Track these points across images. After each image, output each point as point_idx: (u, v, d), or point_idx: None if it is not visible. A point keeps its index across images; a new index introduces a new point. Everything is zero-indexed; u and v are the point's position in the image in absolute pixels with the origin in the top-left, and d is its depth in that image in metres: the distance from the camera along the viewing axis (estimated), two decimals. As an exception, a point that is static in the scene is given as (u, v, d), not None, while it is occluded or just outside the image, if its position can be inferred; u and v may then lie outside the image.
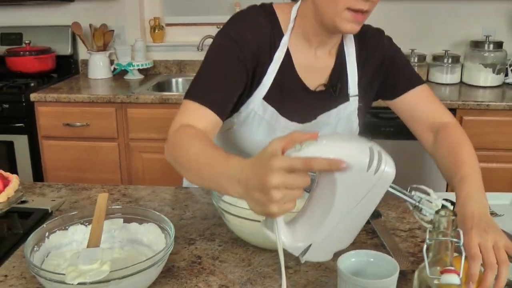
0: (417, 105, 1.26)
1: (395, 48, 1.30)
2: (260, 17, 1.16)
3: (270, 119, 1.19)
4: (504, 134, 2.46)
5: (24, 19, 3.24)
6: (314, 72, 1.21)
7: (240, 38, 1.12)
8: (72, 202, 1.30)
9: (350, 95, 1.24)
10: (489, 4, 2.92)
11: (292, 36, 1.18)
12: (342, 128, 1.25)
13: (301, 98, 1.21)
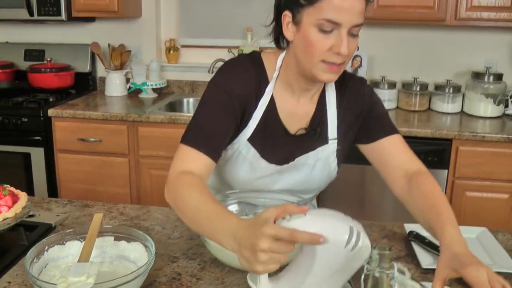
0: (390, 152, 1.33)
1: (375, 98, 1.38)
2: (247, 67, 1.27)
3: (252, 160, 1.30)
4: (500, 165, 2.53)
5: (47, 37, 3.42)
6: (296, 117, 1.32)
7: (229, 87, 1.23)
8: (74, 218, 1.43)
9: (329, 138, 1.34)
10: (491, 36, 3.00)
11: (277, 84, 1.29)
12: (320, 168, 1.35)
13: (281, 141, 1.31)
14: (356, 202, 2.72)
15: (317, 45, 1.14)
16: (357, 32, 1.15)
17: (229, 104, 1.23)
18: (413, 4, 2.71)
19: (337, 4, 1.10)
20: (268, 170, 1.32)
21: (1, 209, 1.21)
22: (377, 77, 3.05)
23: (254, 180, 1.34)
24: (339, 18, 1.11)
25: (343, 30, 1.12)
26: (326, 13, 1.11)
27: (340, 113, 1.34)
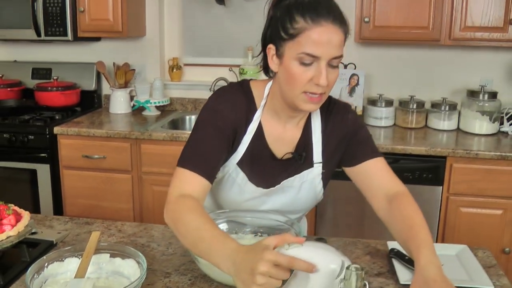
0: (372, 175, 1.39)
1: (359, 123, 1.45)
2: (238, 94, 1.36)
3: (240, 183, 1.38)
4: (493, 182, 2.58)
5: (54, 56, 3.54)
6: (282, 142, 1.39)
7: (221, 113, 1.32)
8: (75, 235, 1.50)
9: (314, 162, 1.40)
10: (486, 55, 3.07)
11: (265, 111, 1.37)
12: (306, 190, 1.42)
13: (268, 166, 1.39)
14: (356, 219, 2.77)
15: (298, 78, 1.21)
16: (336, 63, 1.22)
17: (222, 128, 1.31)
18: (408, 25, 2.79)
19: (315, 38, 1.17)
20: (256, 193, 1.39)
21: (4, 228, 1.28)
22: (375, 95, 3.12)
23: (243, 202, 1.41)
24: (317, 52, 1.18)
25: (322, 62, 1.19)
26: (305, 47, 1.18)
27: (325, 138, 1.41)
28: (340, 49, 1.20)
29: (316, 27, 1.18)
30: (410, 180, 2.65)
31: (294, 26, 1.19)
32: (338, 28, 1.19)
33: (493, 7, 2.68)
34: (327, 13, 1.18)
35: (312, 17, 1.18)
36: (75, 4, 3.07)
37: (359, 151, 1.40)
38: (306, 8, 1.19)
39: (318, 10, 1.19)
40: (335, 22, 1.18)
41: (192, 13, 3.41)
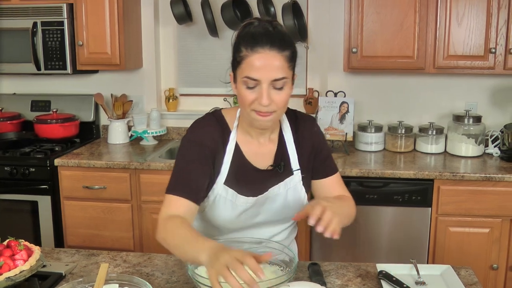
0: (329, 188, 1.61)
1: (323, 138, 1.66)
2: (212, 121, 1.53)
3: (231, 198, 1.51)
4: (479, 202, 2.69)
5: (52, 88, 3.64)
6: (261, 156, 1.55)
7: (199, 140, 1.48)
8: (82, 267, 1.59)
9: (293, 169, 1.56)
10: (470, 81, 3.22)
11: (238, 132, 1.53)
12: (292, 196, 1.56)
13: (253, 178, 1.53)
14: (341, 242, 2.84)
15: (245, 99, 1.38)
16: (280, 85, 1.36)
17: (202, 154, 1.47)
18: (394, 54, 2.92)
19: (253, 64, 1.34)
20: (248, 204, 1.52)
21: (17, 263, 1.37)
22: (364, 121, 3.24)
23: (238, 216, 1.53)
24: (256, 75, 1.34)
25: (263, 85, 1.35)
26: (247, 72, 1.35)
27: (298, 148, 1.57)
28: (280, 72, 1.35)
29: (253, 54, 1.34)
30: (400, 202, 2.76)
31: (240, 55, 1.37)
32: (276, 53, 1.34)
33: (473, 37, 2.83)
34: (264, 41, 1.34)
35: (251, 45, 1.35)
36: (73, 38, 3.19)
37: (321, 168, 1.61)
38: (248, 38, 1.37)
39: (256, 39, 1.35)
40: (272, 48, 1.34)
41: (186, 45, 3.54)
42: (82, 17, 3.15)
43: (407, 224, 2.79)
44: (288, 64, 1.37)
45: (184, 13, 3.30)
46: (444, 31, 2.85)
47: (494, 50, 2.81)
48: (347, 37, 2.96)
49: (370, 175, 2.75)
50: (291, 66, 1.39)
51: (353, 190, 2.70)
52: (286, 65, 1.36)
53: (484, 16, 2.80)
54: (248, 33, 1.38)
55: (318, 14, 3.34)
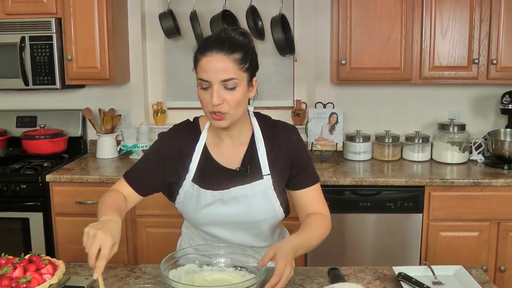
0: (307, 200, 1.66)
1: (302, 147, 1.67)
2: (182, 126, 1.67)
3: (196, 193, 1.60)
4: (468, 207, 2.79)
5: (39, 103, 3.59)
6: (228, 157, 1.62)
7: (162, 142, 1.65)
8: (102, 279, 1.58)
9: (263, 174, 1.60)
10: (454, 91, 3.35)
11: (209, 134, 1.63)
12: (260, 200, 1.59)
13: (219, 176, 1.60)
14: (337, 248, 2.91)
15: (201, 100, 1.50)
16: (231, 85, 1.45)
17: (158, 156, 1.63)
18: (382, 66, 3.02)
19: (203, 66, 1.45)
20: (210, 198, 1.58)
21: (45, 277, 1.36)
22: (353, 131, 3.32)
23: (202, 209, 1.60)
24: (205, 77, 1.45)
25: (214, 85, 1.44)
26: (199, 74, 1.48)
27: (272, 153, 1.61)
28: (227, 73, 1.44)
29: (203, 58, 1.46)
30: (393, 209, 2.84)
31: (195, 60, 1.50)
32: (223, 56, 1.44)
33: (457, 49, 2.96)
34: (212, 46, 1.45)
35: (201, 50, 1.47)
36: (62, 53, 3.17)
37: (301, 179, 1.65)
38: (201, 44, 1.49)
39: (206, 44, 1.47)
40: (219, 51, 1.44)
41: (174, 59, 3.56)
42: (70, 31, 3.14)
43: (400, 230, 2.86)
44: (239, 66, 1.46)
45: (173, 27, 3.32)
46: (429, 43, 2.97)
47: (477, 61, 2.94)
48: (335, 50, 3.05)
49: (363, 183, 2.82)
50: (243, 68, 1.47)
51: (347, 199, 2.83)
52: (235, 67, 1.45)
53: (467, 28, 2.93)
54: (203, 40, 1.51)
55: (304, 27, 3.42)
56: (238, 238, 1.63)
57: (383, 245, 2.89)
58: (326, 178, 2.82)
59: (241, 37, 1.51)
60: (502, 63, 2.94)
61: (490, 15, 2.90)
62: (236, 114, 1.51)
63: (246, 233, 1.63)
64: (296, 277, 1.60)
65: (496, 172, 2.92)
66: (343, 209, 2.85)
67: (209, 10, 3.34)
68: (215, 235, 1.65)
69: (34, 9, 3.12)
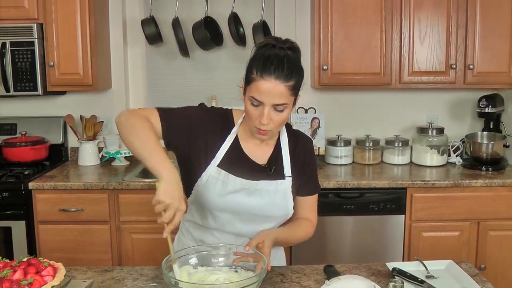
0: (304, 206, 1.76)
1: (315, 158, 1.81)
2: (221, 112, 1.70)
3: (222, 178, 1.62)
4: (449, 207, 2.87)
5: (19, 111, 3.54)
6: (257, 153, 1.68)
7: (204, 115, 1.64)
8: (99, 283, 1.58)
9: (285, 175, 1.68)
10: (432, 95, 3.45)
11: (241, 128, 1.68)
12: (279, 199, 1.66)
13: (247, 166, 1.65)
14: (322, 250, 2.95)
15: (249, 114, 1.55)
16: (281, 109, 1.52)
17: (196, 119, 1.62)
18: (362, 71, 3.09)
19: (259, 87, 1.49)
20: (237, 185, 1.62)
21: (46, 279, 1.35)
22: (334, 135, 3.38)
23: (226, 195, 1.62)
24: (261, 98, 1.50)
25: (266, 107, 1.51)
26: (253, 93, 1.51)
27: (293, 158, 1.71)
28: (281, 99, 1.50)
29: (260, 80, 1.49)
30: (376, 211, 2.90)
31: (250, 75, 1.52)
32: (280, 83, 1.48)
33: (435, 54, 3.05)
34: (272, 70, 1.48)
35: (259, 71, 1.49)
36: (44, 59, 3.14)
37: (306, 187, 1.75)
38: (260, 63, 1.50)
39: (266, 66, 1.48)
40: (278, 78, 1.48)
41: (156, 65, 3.56)
42: (52, 37, 3.11)
43: (383, 231, 2.92)
44: (291, 92, 1.51)
45: (155, 33, 3.33)
46: (408, 48, 3.06)
47: (455, 66, 3.04)
48: (317, 55, 3.10)
49: (347, 186, 2.87)
50: (294, 93, 1.53)
51: (331, 202, 2.88)
52: (288, 93, 1.50)
53: (444, 35, 3.03)
54: (262, 57, 1.51)
55: (284, 33, 3.40)
56: (249, 229, 1.68)
57: (367, 246, 2.95)
58: (311, 182, 2.86)
59: (294, 54, 1.54)
60: (478, 68, 3.05)
61: (466, 22, 3.01)
62: (277, 130, 1.62)
63: (257, 226, 1.67)
64: (292, 275, 1.63)
65: (474, 173, 3.02)
66: (327, 211, 2.90)
67: (191, 16, 3.36)
68: (228, 222, 1.67)
69: (16, 14, 3.08)
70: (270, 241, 1.56)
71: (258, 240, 1.55)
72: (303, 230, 1.73)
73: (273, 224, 1.71)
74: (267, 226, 1.69)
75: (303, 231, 1.74)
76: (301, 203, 1.76)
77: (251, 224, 1.67)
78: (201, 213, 1.70)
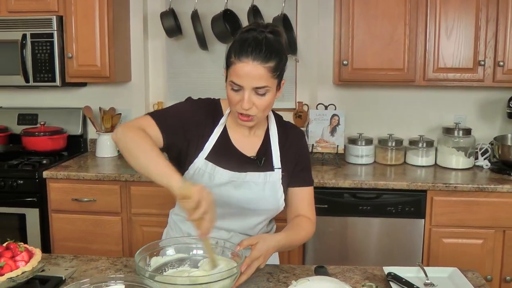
0: (298, 199, 1.68)
1: (307, 151, 1.73)
2: (209, 102, 1.64)
3: (210, 171, 1.57)
4: (472, 213, 2.70)
5: (40, 101, 3.59)
6: (246, 145, 1.62)
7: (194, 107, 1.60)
8: (82, 271, 1.54)
9: (274, 167, 1.62)
10: (459, 94, 3.27)
11: (229, 118, 1.61)
12: (269, 191, 1.60)
13: (235, 158, 1.59)
14: (335, 252, 2.84)
15: (230, 99, 1.49)
16: (262, 92, 1.46)
17: (186, 114, 1.57)
18: (384, 67, 2.96)
19: (237, 71, 1.44)
20: (224, 177, 1.56)
21: (19, 264, 1.32)
22: (354, 134, 3.26)
23: (213, 188, 1.54)
24: (239, 82, 1.44)
25: (245, 91, 1.45)
26: (232, 77, 1.46)
27: (283, 150, 1.65)
28: (261, 81, 1.44)
29: (238, 63, 1.44)
30: (393, 214, 2.76)
31: (229, 59, 1.48)
32: (258, 64, 1.42)
33: (462, 50, 2.88)
34: (249, 52, 1.43)
35: (237, 54, 1.45)
36: (63, 51, 3.16)
37: (299, 177, 1.67)
38: (237, 46, 1.46)
39: (243, 48, 1.44)
40: (256, 59, 1.42)
41: (175, 58, 3.53)
42: (72, 29, 3.13)
43: (400, 236, 2.79)
44: (272, 74, 1.45)
45: (174, 26, 3.30)
46: (434, 43, 2.90)
47: (483, 62, 2.86)
48: (337, 50, 2.99)
49: (363, 186, 2.75)
50: (275, 75, 1.46)
51: (346, 202, 2.76)
52: (269, 75, 1.44)
53: (473, 29, 2.86)
54: (240, 40, 1.47)
55: (307, 27, 3.38)
56: (238, 223, 1.63)
57: (383, 251, 2.82)
58: (326, 180, 2.76)
59: (274, 37, 1.48)
60: (509, 65, 2.86)
61: (497, 16, 2.83)
62: (263, 116, 1.55)
63: (246, 220, 1.62)
64: (281, 274, 1.55)
65: (502, 178, 2.83)
66: (342, 212, 2.79)
67: (210, 9, 3.30)
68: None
69: (36, 7, 3.13)
70: (263, 245, 1.46)
71: (251, 241, 1.47)
72: (304, 230, 1.64)
73: (263, 217, 1.65)
74: (257, 220, 1.62)
75: (304, 231, 1.64)
76: (296, 197, 1.68)
77: (241, 218, 1.61)
78: None
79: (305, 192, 1.69)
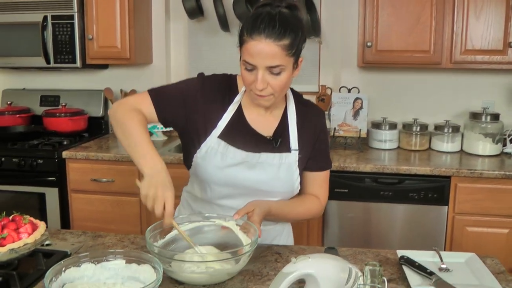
0: (314, 182, 1.64)
1: (326, 131, 1.67)
2: (224, 80, 1.57)
3: (222, 150, 1.51)
4: (498, 201, 2.60)
5: (62, 83, 3.62)
6: (261, 124, 1.56)
7: (203, 85, 1.53)
8: (88, 247, 1.52)
9: (291, 148, 1.56)
10: (487, 77, 3.14)
11: (244, 96, 1.54)
12: (284, 173, 1.54)
13: (249, 138, 1.54)
14: (360, 236, 2.78)
15: (244, 78, 1.43)
16: (277, 71, 1.39)
17: (191, 90, 1.52)
18: (410, 49, 2.86)
19: (250, 49, 1.37)
20: (237, 158, 1.50)
21: (21, 236, 1.31)
22: (378, 118, 3.17)
23: (225, 168, 1.50)
24: (251, 61, 1.38)
25: (259, 70, 1.38)
26: (245, 56, 1.39)
27: (301, 131, 1.58)
28: (275, 60, 1.36)
29: (251, 41, 1.37)
30: (416, 200, 2.68)
31: (242, 37, 1.41)
32: (271, 42, 1.35)
33: (492, 31, 2.76)
34: (262, 29, 1.35)
35: (249, 31, 1.37)
36: (83, 32, 3.16)
37: (315, 161, 1.62)
38: (249, 23, 1.38)
39: (255, 26, 1.36)
40: (268, 37, 1.35)
41: (197, 40, 3.50)
42: (92, 11, 3.13)
43: (422, 223, 2.70)
44: (286, 52, 1.37)
45: (195, 8, 3.26)
46: (462, 25, 2.79)
47: (514, 44, 2.74)
48: (361, 31, 2.91)
49: (385, 171, 2.67)
50: (290, 53, 1.38)
51: (368, 187, 2.69)
52: (283, 53, 1.36)
53: (504, 9, 2.73)
54: (252, 16, 1.39)
55: (331, 9, 3.29)
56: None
57: (404, 238, 2.74)
58: (347, 164, 2.69)
59: (290, 12, 1.40)
60: (542, 47, 2.73)
61: (529, -5, 2.70)
62: (280, 96, 1.48)
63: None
64: (290, 255, 1.50)
65: (530, 165, 2.72)
66: (363, 197, 2.72)
67: (233, -10, 3.25)
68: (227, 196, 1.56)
69: (57, -13, 3.13)
70: (260, 211, 1.46)
71: (248, 209, 1.45)
72: (304, 207, 1.61)
73: (277, 199, 1.58)
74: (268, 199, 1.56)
75: (304, 208, 1.61)
76: (310, 179, 1.63)
77: (253, 199, 1.54)
78: (200, 185, 1.60)
79: (321, 175, 1.64)
